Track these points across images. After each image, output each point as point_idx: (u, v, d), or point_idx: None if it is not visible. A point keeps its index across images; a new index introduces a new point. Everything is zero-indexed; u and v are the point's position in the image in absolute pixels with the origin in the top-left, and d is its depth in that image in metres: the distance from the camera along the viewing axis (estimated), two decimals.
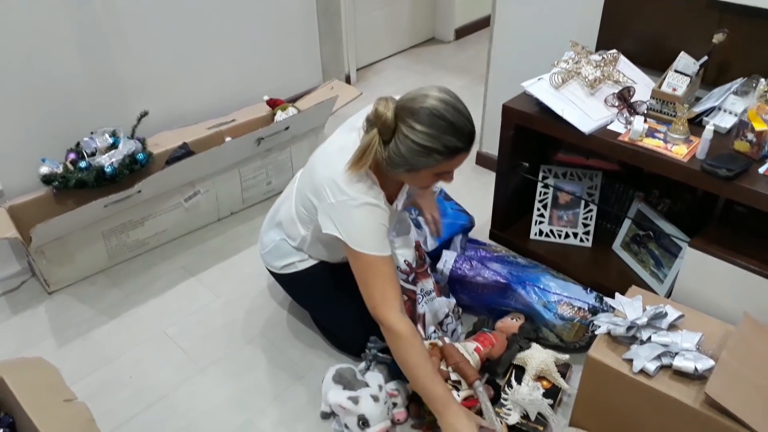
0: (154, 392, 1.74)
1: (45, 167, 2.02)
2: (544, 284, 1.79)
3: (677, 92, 1.69)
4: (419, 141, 1.37)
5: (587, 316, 1.73)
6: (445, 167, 1.44)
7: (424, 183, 1.53)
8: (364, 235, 1.48)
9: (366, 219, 1.48)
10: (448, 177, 1.49)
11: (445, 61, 3.78)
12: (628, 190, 2.02)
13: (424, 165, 1.41)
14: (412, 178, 1.49)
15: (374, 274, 1.49)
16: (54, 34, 2.02)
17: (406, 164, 1.42)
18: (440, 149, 1.38)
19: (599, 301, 1.76)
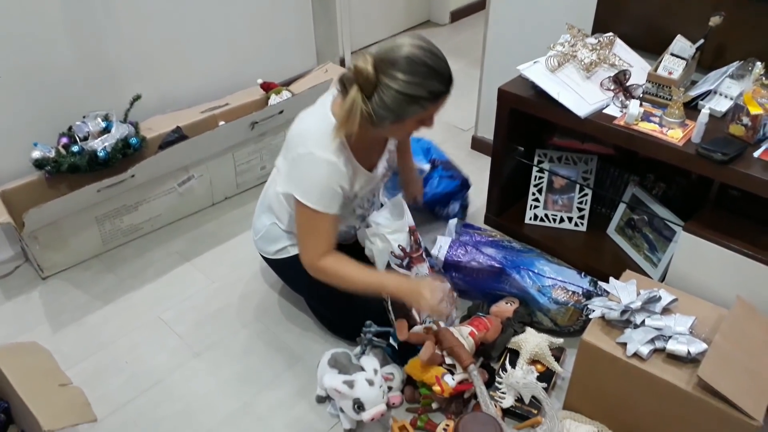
0: (150, 377, 1.74)
1: (37, 151, 2.00)
2: (538, 269, 1.80)
3: (673, 75, 1.68)
4: (403, 90, 1.38)
5: (581, 300, 1.74)
6: (429, 113, 1.46)
7: (408, 131, 1.56)
8: (314, 188, 1.52)
9: (320, 174, 1.51)
10: (430, 122, 1.52)
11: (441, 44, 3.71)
12: (623, 175, 2.01)
13: (411, 113, 1.42)
14: (397, 129, 1.50)
15: (312, 228, 1.56)
16: (45, 17, 2.00)
17: (392, 115, 1.42)
18: (425, 95, 1.40)
19: (593, 286, 1.76)
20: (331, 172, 1.51)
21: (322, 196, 1.52)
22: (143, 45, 2.28)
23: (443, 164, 2.28)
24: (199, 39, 2.45)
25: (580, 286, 1.76)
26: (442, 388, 1.54)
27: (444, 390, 1.54)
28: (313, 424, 1.62)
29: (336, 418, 1.62)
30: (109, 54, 2.21)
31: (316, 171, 1.51)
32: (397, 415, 1.63)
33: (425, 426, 1.58)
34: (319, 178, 1.51)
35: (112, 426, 1.62)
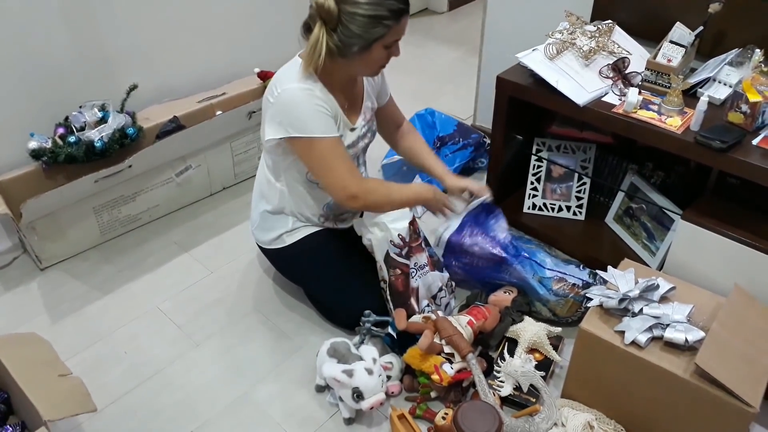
0: (149, 367, 1.75)
1: (33, 142, 1.99)
2: (540, 259, 1.80)
3: (672, 63, 1.67)
4: (365, 12, 1.44)
5: (580, 292, 1.74)
6: (393, 35, 1.50)
7: (378, 62, 1.56)
8: (307, 118, 1.54)
9: (302, 102, 1.53)
10: (396, 50, 1.56)
11: (439, 32, 3.73)
12: (621, 163, 2.01)
13: (376, 35, 1.47)
14: (366, 61, 1.53)
15: (330, 159, 1.56)
16: (41, 6, 1.98)
17: (358, 41, 1.48)
18: (386, 14, 1.45)
19: (593, 278, 1.77)
20: (310, 96, 1.54)
21: (316, 121, 1.54)
22: (140, 34, 2.27)
23: (449, 137, 2.31)
24: (196, 28, 2.43)
25: (580, 278, 1.76)
26: (441, 377, 1.54)
27: (443, 379, 1.54)
28: (312, 414, 1.62)
29: (335, 407, 1.62)
30: (105, 43, 2.19)
31: (297, 101, 1.54)
32: (396, 403, 1.63)
33: (424, 415, 1.59)
34: (303, 106, 1.54)
35: (111, 416, 1.63)
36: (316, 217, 1.79)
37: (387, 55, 1.56)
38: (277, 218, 1.79)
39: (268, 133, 1.60)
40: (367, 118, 1.74)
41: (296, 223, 1.79)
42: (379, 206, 1.66)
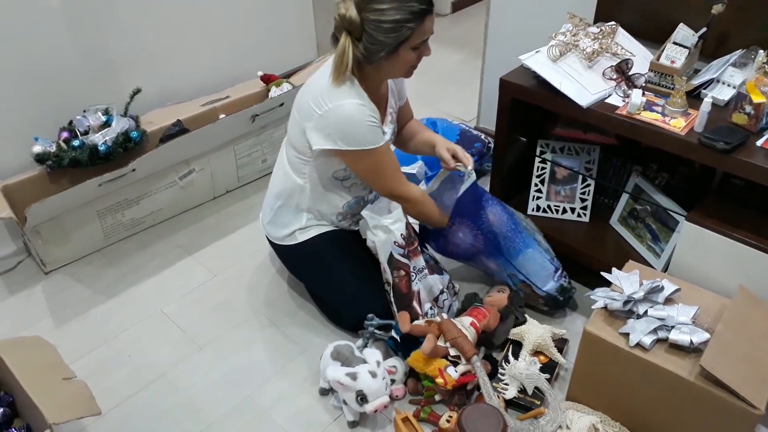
0: (154, 370, 1.75)
1: (38, 146, 2.00)
2: (518, 264, 1.81)
3: (675, 64, 1.67)
4: (388, 18, 1.45)
5: (539, 302, 1.83)
6: (419, 36, 1.51)
7: (408, 63, 1.57)
8: (361, 131, 1.56)
9: (357, 117, 1.55)
10: (426, 49, 1.56)
11: (442, 35, 3.73)
12: (625, 164, 2.00)
13: (402, 39, 1.49)
14: (395, 63, 1.55)
15: (384, 165, 1.64)
16: (45, 11, 1.99)
17: (384, 47, 1.49)
18: (409, 17, 1.46)
19: (561, 293, 1.82)
20: (362, 111, 1.56)
21: (370, 133, 1.57)
22: (143, 38, 2.28)
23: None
24: (199, 32, 2.44)
25: (545, 291, 1.81)
26: (445, 380, 1.54)
27: (447, 382, 1.54)
28: (316, 417, 1.62)
29: (339, 410, 1.62)
30: (109, 48, 2.20)
31: (352, 118, 1.56)
32: (400, 407, 1.63)
33: (428, 418, 1.58)
34: (357, 123, 1.56)
35: (116, 419, 1.63)
36: (335, 215, 1.79)
37: (417, 56, 1.56)
38: (292, 214, 1.79)
39: (315, 142, 1.60)
40: (393, 119, 1.77)
41: (310, 221, 1.79)
42: (420, 217, 1.78)
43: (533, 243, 1.84)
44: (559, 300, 1.83)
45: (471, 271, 2.04)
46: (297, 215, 1.78)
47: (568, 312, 1.90)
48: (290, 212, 1.78)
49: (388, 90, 1.75)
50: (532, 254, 1.82)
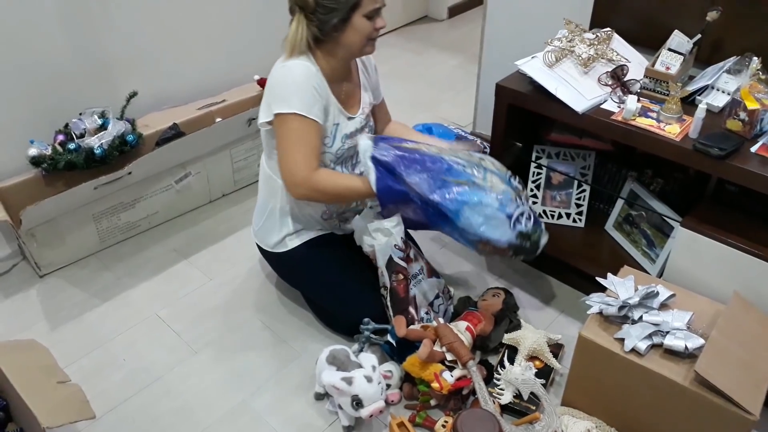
0: (148, 374, 1.74)
1: (33, 149, 1.99)
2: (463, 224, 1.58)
3: (670, 71, 1.68)
4: None
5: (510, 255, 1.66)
6: (370, 2, 1.51)
7: (363, 33, 1.56)
8: (290, 91, 1.54)
9: (293, 75, 1.55)
10: (379, 18, 1.56)
11: (438, 40, 3.75)
12: (621, 170, 2.01)
13: (353, 6, 1.50)
14: (351, 35, 1.55)
15: (298, 138, 1.55)
16: (40, 13, 1.99)
17: (336, 15, 1.50)
18: None
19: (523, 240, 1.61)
20: (304, 71, 1.56)
21: (301, 97, 1.54)
22: (139, 41, 2.27)
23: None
24: (195, 35, 2.44)
25: (506, 242, 1.60)
26: (441, 385, 1.54)
27: (443, 387, 1.54)
28: (311, 421, 1.62)
29: (334, 415, 1.62)
30: (105, 51, 2.20)
31: (289, 74, 1.56)
32: (396, 411, 1.63)
33: (424, 423, 1.58)
34: (293, 79, 1.56)
35: (110, 423, 1.62)
36: (319, 214, 1.79)
37: (372, 26, 1.56)
38: (278, 219, 1.79)
39: (260, 117, 1.63)
40: (365, 112, 1.76)
41: (298, 225, 1.79)
42: (326, 198, 1.65)
43: (474, 192, 1.58)
44: (525, 247, 1.64)
45: (465, 275, 2.05)
46: (283, 219, 1.78)
47: (563, 317, 1.90)
48: (277, 217, 1.78)
49: (359, 81, 1.76)
50: (474, 207, 1.57)
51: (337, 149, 1.68)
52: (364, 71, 1.79)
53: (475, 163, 1.63)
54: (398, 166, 1.56)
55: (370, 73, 1.82)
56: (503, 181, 1.64)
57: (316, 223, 1.81)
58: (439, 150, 1.65)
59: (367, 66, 1.81)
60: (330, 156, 1.68)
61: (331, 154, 1.68)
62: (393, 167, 1.56)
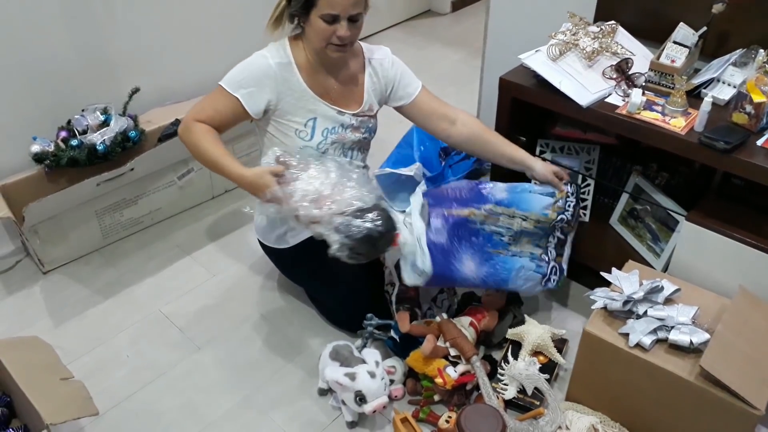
0: (151, 371, 1.74)
1: (36, 145, 1.99)
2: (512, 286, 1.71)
3: (676, 64, 1.66)
4: None
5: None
6: (326, 5, 1.49)
7: (321, 35, 1.54)
8: (235, 69, 1.61)
9: (249, 60, 1.62)
10: (340, 29, 1.52)
11: (442, 34, 3.73)
12: (625, 164, 2.00)
13: (307, 1, 1.50)
14: (311, 30, 1.55)
15: (208, 97, 1.63)
16: (43, 10, 1.98)
17: (297, 4, 1.53)
18: None
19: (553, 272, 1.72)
20: (260, 62, 1.60)
21: (236, 75, 1.60)
22: (142, 37, 2.27)
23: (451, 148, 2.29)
24: (198, 31, 2.43)
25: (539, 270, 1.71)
26: (445, 381, 1.54)
27: (446, 382, 1.54)
28: (314, 417, 1.62)
29: (338, 410, 1.62)
30: (107, 47, 2.20)
31: (246, 62, 1.62)
32: (399, 407, 1.62)
33: (427, 418, 1.58)
34: (244, 63, 1.62)
35: (113, 419, 1.62)
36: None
37: (331, 31, 1.53)
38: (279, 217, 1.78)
39: None
40: (362, 116, 1.72)
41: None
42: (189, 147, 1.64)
43: (515, 259, 1.71)
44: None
45: None
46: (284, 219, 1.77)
47: (567, 312, 1.89)
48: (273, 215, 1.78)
49: (364, 84, 1.71)
50: (518, 272, 1.70)
51: (318, 143, 1.65)
52: (372, 75, 1.73)
53: (510, 227, 1.71)
54: (451, 253, 1.64)
55: (380, 78, 1.74)
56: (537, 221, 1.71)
57: None
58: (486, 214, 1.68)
59: (378, 71, 1.74)
60: (311, 150, 1.66)
61: (312, 148, 1.65)
62: (446, 251, 1.63)
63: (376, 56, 1.74)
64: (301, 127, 1.64)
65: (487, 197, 1.69)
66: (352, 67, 1.70)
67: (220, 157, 1.57)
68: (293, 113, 1.63)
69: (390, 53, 1.77)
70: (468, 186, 1.73)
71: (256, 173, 1.52)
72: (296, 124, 1.63)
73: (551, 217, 1.71)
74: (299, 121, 1.63)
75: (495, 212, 1.69)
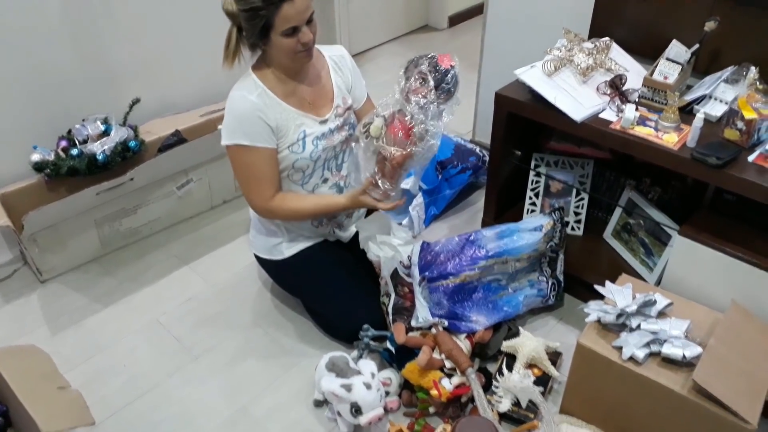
0: (148, 380, 1.75)
1: (36, 154, 2.00)
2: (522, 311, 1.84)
3: (668, 80, 1.69)
4: (243, 7, 1.50)
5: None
6: (283, 23, 1.51)
7: (287, 49, 1.57)
8: (233, 122, 1.62)
9: (235, 107, 1.62)
10: (303, 35, 1.55)
11: (439, 48, 3.75)
12: (619, 179, 2.02)
13: (264, 27, 1.51)
14: (277, 50, 1.58)
15: (249, 169, 1.64)
16: (45, 19, 2.00)
17: (253, 34, 1.54)
18: (260, 5, 1.48)
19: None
20: (243, 102, 1.61)
21: (242, 127, 1.60)
22: (143, 48, 2.29)
23: (447, 161, 2.30)
24: (198, 42, 2.45)
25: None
26: (440, 392, 1.54)
27: (441, 394, 1.54)
28: (310, 428, 1.62)
29: (333, 422, 1.62)
30: (108, 57, 2.22)
31: (230, 108, 1.63)
32: (395, 419, 1.63)
33: (422, 430, 1.58)
34: (234, 112, 1.62)
35: (110, 429, 1.63)
36: (308, 222, 1.80)
37: (295, 42, 1.55)
38: (273, 228, 1.80)
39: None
40: (340, 113, 1.74)
41: (291, 234, 1.80)
42: (288, 220, 1.76)
43: (517, 293, 1.84)
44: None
45: None
46: (277, 228, 1.80)
47: (561, 325, 1.91)
48: (270, 226, 1.81)
49: (331, 81, 1.74)
50: (527, 304, 1.85)
51: (311, 152, 1.68)
52: (336, 69, 1.77)
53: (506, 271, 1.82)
54: (458, 317, 1.73)
55: (344, 71, 1.78)
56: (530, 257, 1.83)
57: (308, 231, 1.82)
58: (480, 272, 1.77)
59: (340, 65, 1.78)
60: (305, 161, 1.69)
61: (306, 159, 1.68)
62: (454, 317, 1.73)
63: (334, 53, 1.79)
64: (294, 142, 1.66)
65: (477, 257, 1.77)
66: (316, 65, 1.73)
67: (317, 205, 1.70)
68: (286, 133, 1.65)
69: (346, 51, 1.82)
70: (458, 245, 1.80)
71: (351, 199, 1.64)
72: (289, 141, 1.66)
73: (542, 249, 1.79)
74: (292, 137, 1.66)
75: (488, 266, 1.77)
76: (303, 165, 1.69)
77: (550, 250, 1.85)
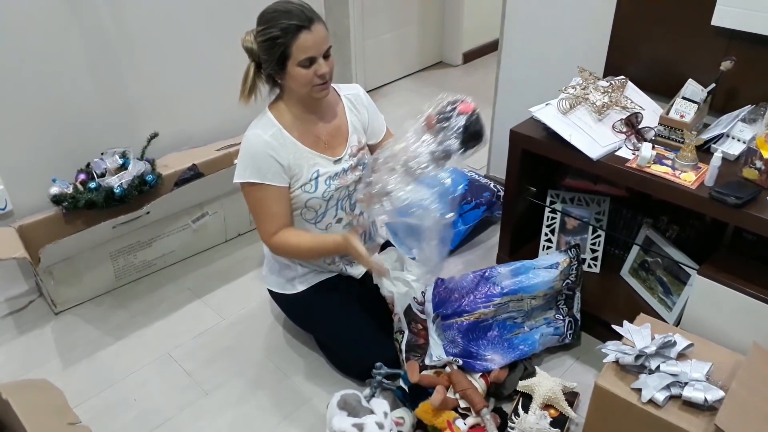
0: (159, 415, 1.73)
1: (55, 187, 2.03)
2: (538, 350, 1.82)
3: (685, 119, 1.69)
4: (266, 37, 1.53)
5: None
6: (300, 52, 1.53)
7: (304, 80, 1.58)
8: (245, 161, 1.64)
9: (248, 147, 1.64)
10: (320, 67, 1.57)
11: (453, 85, 3.80)
12: (636, 216, 2.01)
13: (282, 56, 1.54)
14: (293, 82, 1.59)
15: (258, 205, 1.67)
16: (66, 55, 2.05)
17: (272, 65, 1.57)
18: (279, 34, 1.51)
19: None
20: (256, 140, 1.63)
21: (254, 165, 1.63)
22: (161, 83, 2.34)
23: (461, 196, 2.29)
24: (215, 78, 2.50)
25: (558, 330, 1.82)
26: None
27: None
28: None
29: None
30: (127, 92, 2.26)
31: (244, 146, 1.65)
32: None
33: None
34: (248, 150, 1.64)
35: None
36: (321, 259, 1.80)
37: (312, 73, 1.57)
38: (285, 263, 1.80)
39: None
40: (354, 152, 1.75)
41: (304, 269, 1.80)
42: (292, 257, 1.79)
43: (532, 332, 1.81)
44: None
45: None
46: (289, 263, 1.81)
47: (578, 364, 1.87)
48: (283, 261, 1.81)
49: (346, 120, 1.76)
50: (544, 342, 1.83)
51: (323, 192, 1.69)
52: (351, 108, 1.78)
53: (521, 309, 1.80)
54: (473, 356, 1.71)
55: (359, 110, 1.80)
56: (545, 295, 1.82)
57: (320, 267, 1.82)
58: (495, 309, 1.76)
59: (356, 103, 1.80)
60: (318, 200, 1.70)
61: (318, 198, 1.69)
62: (468, 355, 1.71)
63: (350, 92, 1.80)
64: (307, 182, 1.68)
65: (492, 294, 1.76)
66: (332, 103, 1.75)
67: (314, 241, 1.70)
68: (299, 172, 1.67)
69: (362, 89, 1.83)
70: (473, 282, 1.80)
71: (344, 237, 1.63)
72: (303, 180, 1.67)
73: (558, 287, 1.77)
74: (305, 177, 1.67)
75: (503, 304, 1.76)
76: (315, 204, 1.70)
77: (567, 287, 1.83)
